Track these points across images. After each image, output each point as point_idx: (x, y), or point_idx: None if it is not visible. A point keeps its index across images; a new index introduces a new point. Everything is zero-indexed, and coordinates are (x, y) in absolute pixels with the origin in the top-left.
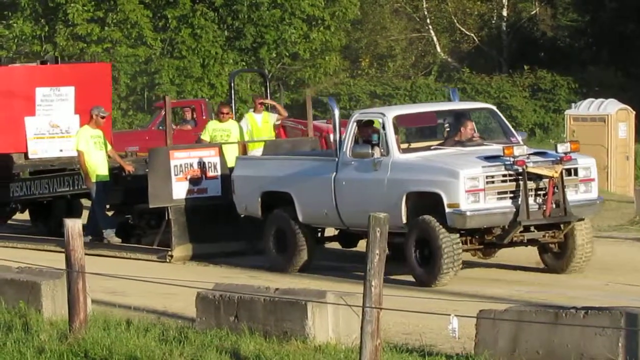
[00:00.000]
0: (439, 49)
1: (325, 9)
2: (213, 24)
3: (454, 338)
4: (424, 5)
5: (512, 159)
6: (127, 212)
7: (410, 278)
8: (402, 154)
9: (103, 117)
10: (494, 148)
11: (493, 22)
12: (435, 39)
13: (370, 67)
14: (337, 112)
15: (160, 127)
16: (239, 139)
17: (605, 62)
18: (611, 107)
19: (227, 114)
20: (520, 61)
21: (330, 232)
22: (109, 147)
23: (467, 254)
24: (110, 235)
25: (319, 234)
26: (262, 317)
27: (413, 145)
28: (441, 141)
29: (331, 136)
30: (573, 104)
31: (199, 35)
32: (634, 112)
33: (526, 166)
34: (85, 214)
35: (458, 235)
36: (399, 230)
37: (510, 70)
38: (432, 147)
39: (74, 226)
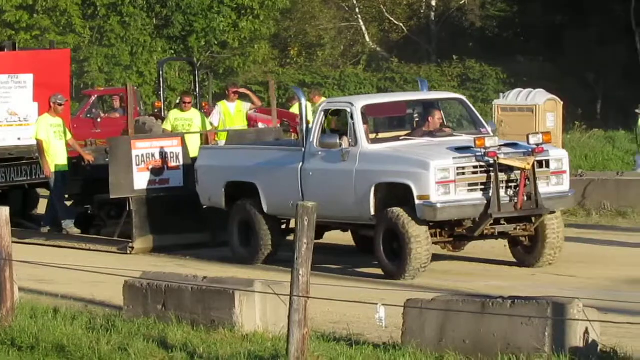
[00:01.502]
0: (367, 39)
1: None
2: (142, 12)
3: (381, 327)
4: None
5: (483, 150)
6: (86, 202)
7: (378, 271)
8: (371, 145)
9: (61, 105)
10: (464, 139)
11: (422, 11)
12: (364, 28)
13: (299, 56)
14: (304, 102)
15: (89, 116)
16: (200, 129)
17: (534, 53)
18: (539, 97)
19: (189, 103)
20: (449, 51)
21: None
22: (69, 135)
23: (436, 247)
24: (69, 226)
25: (285, 226)
26: (189, 305)
27: (381, 135)
28: (409, 131)
29: (260, 124)
30: (501, 94)
31: (128, 23)
32: (562, 103)
33: (498, 157)
34: (42, 203)
35: (427, 227)
36: (368, 222)
37: (439, 60)
38: (400, 138)
39: (1, 214)
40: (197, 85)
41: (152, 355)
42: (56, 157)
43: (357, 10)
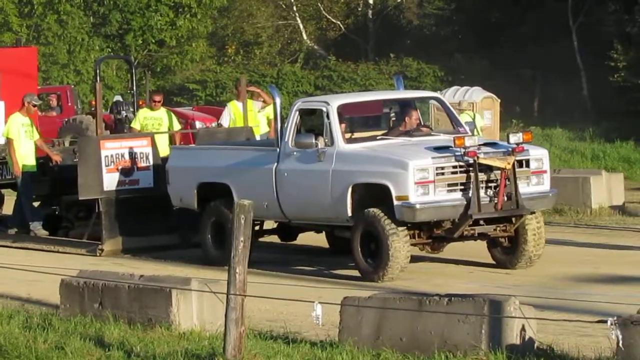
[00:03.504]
0: (305, 37)
1: None
2: (79, 10)
3: (318, 325)
4: None
5: (462, 150)
6: (54, 203)
7: (355, 272)
8: (348, 144)
9: (35, 106)
10: (442, 138)
11: (359, 9)
12: (301, 26)
13: (237, 54)
14: (278, 101)
15: None
16: (169, 128)
17: (471, 51)
18: (476, 94)
19: (159, 102)
20: (386, 49)
21: (269, 224)
22: (37, 135)
23: (415, 248)
24: (37, 227)
25: (258, 227)
26: (126, 304)
27: (357, 135)
28: (386, 131)
29: (197, 123)
30: (439, 92)
31: (65, 21)
32: (499, 100)
33: (477, 157)
34: (8, 204)
35: (406, 228)
36: (344, 223)
37: (377, 58)
38: (377, 137)
39: None
40: (135, 84)
41: (88, 354)
42: (26, 157)
43: (295, 8)
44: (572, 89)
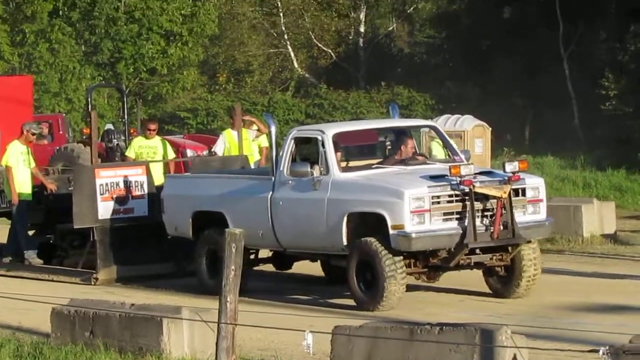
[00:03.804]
0: (296, 65)
1: (183, 24)
2: (71, 39)
3: (309, 354)
4: (282, 21)
5: (458, 179)
6: (49, 232)
7: (348, 301)
8: (343, 173)
9: (34, 134)
10: (438, 167)
11: (350, 38)
12: (292, 54)
13: (228, 83)
14: (273, 129)
15: None
16: (164, 156)
17: (462, 79)
18: (467, 123)
19: (154, 130)
20: (377, 77)
21: (264, 253)
22: (33, 163)
23: (410, 278)
24: (31, 256)
25: (253, 256)
26: (117, 332)
27: (352, 163)
28: (381, 160)
29: (188, 151)
30: (430, 120)
31: (57, 50)
32: (490, 129)
33: (473, 186)
34: (1, 233)
35: (402, 258)
36: (340, 252)
37: (368, 86)
38: (373, 166)
39: None
40: (126, 112)
41: None
42: (22, 185)
43: (286, 36)
44: (563, 117)
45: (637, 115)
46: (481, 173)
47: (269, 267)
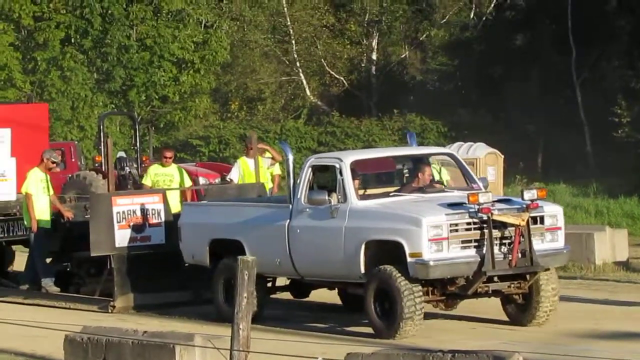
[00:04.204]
0: (308, 92)
1: (195, 52)
2: (82, 67)
3: None
4: (294, 49)
5: (476, 207)
6: (65, 259)
7: (363, 328)
8: (361, 201)
9: (54, 162)
10: (456, 195)
11: (362, 65)
12: (304, 82)
13: (240, 110)
14: (291, 158)
15: None
16: (180, 184)
17: (474, 106)
18: (480, 150)
19: (170, 158)
20: (389, 105)
21: (281, 281)
22: (52, 191)
23: (428, 305)
24: (48, 284)
25: (270, 284)
26: (130, 359)
27: (369, 191)
28: (398, 187)
29: (201, 179)
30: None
31: (69, 77)
32: (503, 156)
33: (492, 214)
34: (18, 260)
35: (420, 285)
36: (357, 280)
37: (380, 113)
38: (390, 194)
39: None
40: (138, 140)
41: None
42: (42, 213)
43: (298, 64)
44: (575, 145)
45: None
46: (499, 201)
47: (286, 295)
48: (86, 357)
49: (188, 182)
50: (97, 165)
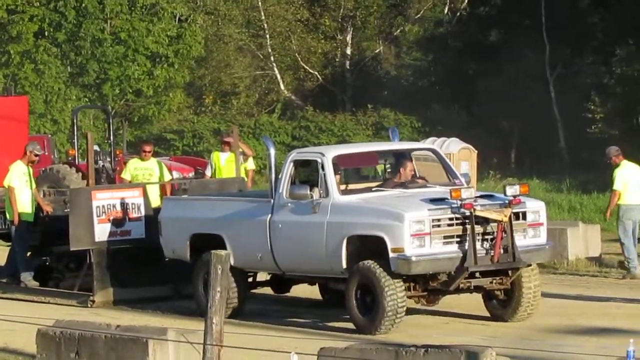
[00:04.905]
0: (282, 87)
1: (169, 46)
2: (56, 60)
3: None
4: (268, 43)
5: (459, 202)
6: (45, 254)
7: (339, 324)
8: (343, 196)
9: (37, 155)
10: (438, 190)
11: (337, 60)
12: (279, 76)
13: (214, 104)
14: (272, 152)
15: None
16: (160, 178)
17: (448, 101)
18: (454, 146)
19: (150, 152)
20: (363, 100)
21: (262, 276)
22: (34, 185)
23: (409, 301)
24: (27, 278)
25: (251, 279)
26: (103, 354)
27: (351, 186)
28: (380, 182)
29: (174, 173)
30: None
31: (42, 71)
32: (476, 151)
33: (474, 209)
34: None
35: (402, 281)
36: (339, 275)
37: (354, 108)
38: (372, 189)
39: None
40: (112, 133)
41: None
42: (24, 206)
43: (272, 58)
44: (549, 140)
45: (623, 138)
46: (482, 196)
47: (266, 290)
48: (59, 351)
49: (167, 177)
50: (70, 158)
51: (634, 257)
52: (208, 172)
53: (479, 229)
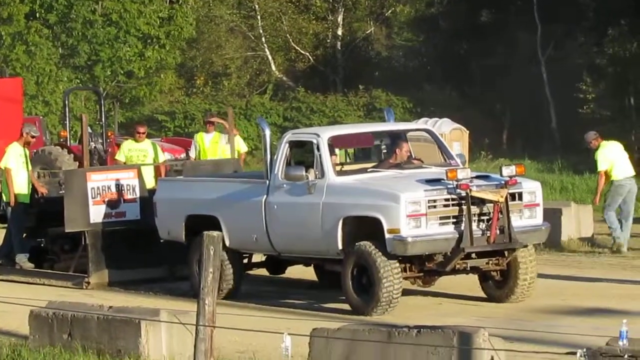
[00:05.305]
0: (274, 68)
1: (160, 27)
2: (47, 41)
3: (287, 356)
4: (259, 24)
5: (455, 183)
6: (40, 235)
7: (332, 305)
8: (338, 177)
9: (34, 137)
10: (434, 171)
11: (328, 41)
12: (270, 57)
13: (206, 86)
14: (267, 133)
15: None
16: (155, 160)
17: (440, 82)
18: (445, 126)
19: (144, 133)
20: (355, 80)
21: (258, 257)
22: (30, 166)
23: (406, 282)
24: (22, 260)
25: (247, 260)
26: (96, 335)
27: (347, 167)
28: (376, 163)
29: (166, 154)
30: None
31: (34, 52)
32: (468, 132)
33: (470, 190)
34: None
35: (397, 262)
36: (335, 256)
37: (345, 89)
38: (368, 170)
39: None
40: (103, 115)
41: None
42: (21, 187)
43: (263, 39)
44: (541, 121)
45: (615, 118)
46: (478, 177)
47: (261, 272)
48: (51, 332)
49: (162, 158)
50: (62, 140)
51: (616, 226)
52: (192, 154)
53: (475, 209)
